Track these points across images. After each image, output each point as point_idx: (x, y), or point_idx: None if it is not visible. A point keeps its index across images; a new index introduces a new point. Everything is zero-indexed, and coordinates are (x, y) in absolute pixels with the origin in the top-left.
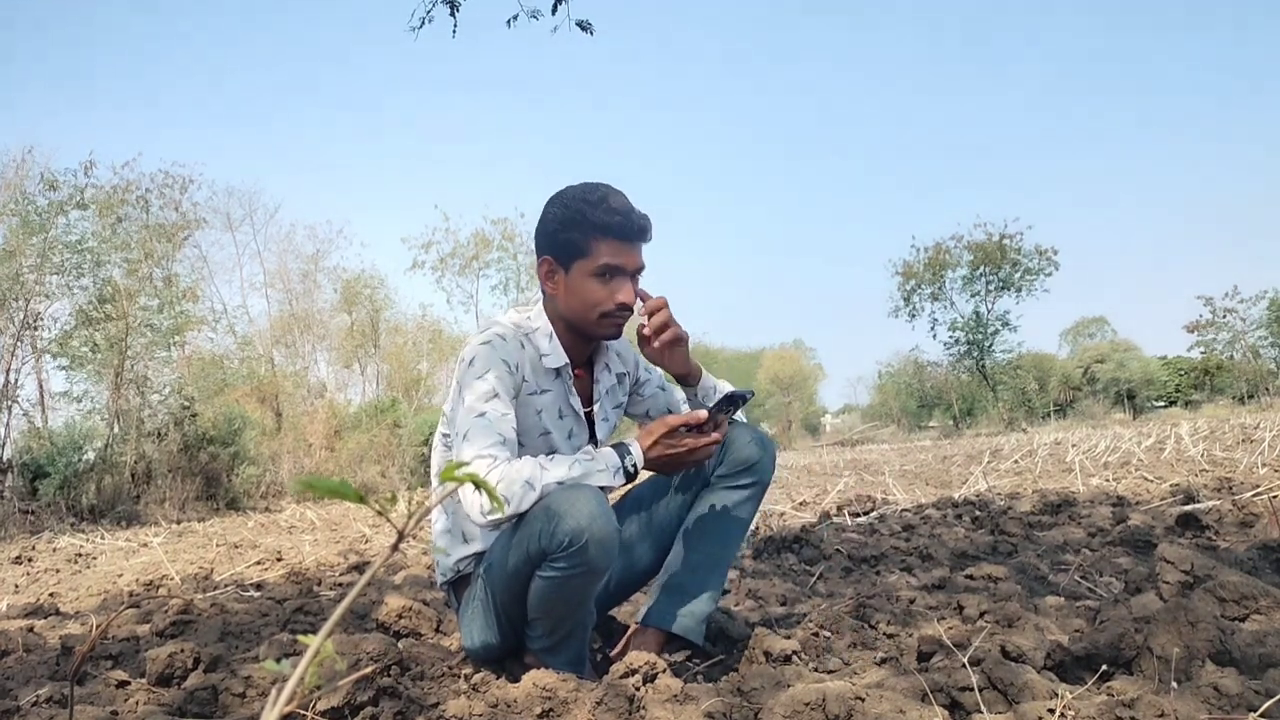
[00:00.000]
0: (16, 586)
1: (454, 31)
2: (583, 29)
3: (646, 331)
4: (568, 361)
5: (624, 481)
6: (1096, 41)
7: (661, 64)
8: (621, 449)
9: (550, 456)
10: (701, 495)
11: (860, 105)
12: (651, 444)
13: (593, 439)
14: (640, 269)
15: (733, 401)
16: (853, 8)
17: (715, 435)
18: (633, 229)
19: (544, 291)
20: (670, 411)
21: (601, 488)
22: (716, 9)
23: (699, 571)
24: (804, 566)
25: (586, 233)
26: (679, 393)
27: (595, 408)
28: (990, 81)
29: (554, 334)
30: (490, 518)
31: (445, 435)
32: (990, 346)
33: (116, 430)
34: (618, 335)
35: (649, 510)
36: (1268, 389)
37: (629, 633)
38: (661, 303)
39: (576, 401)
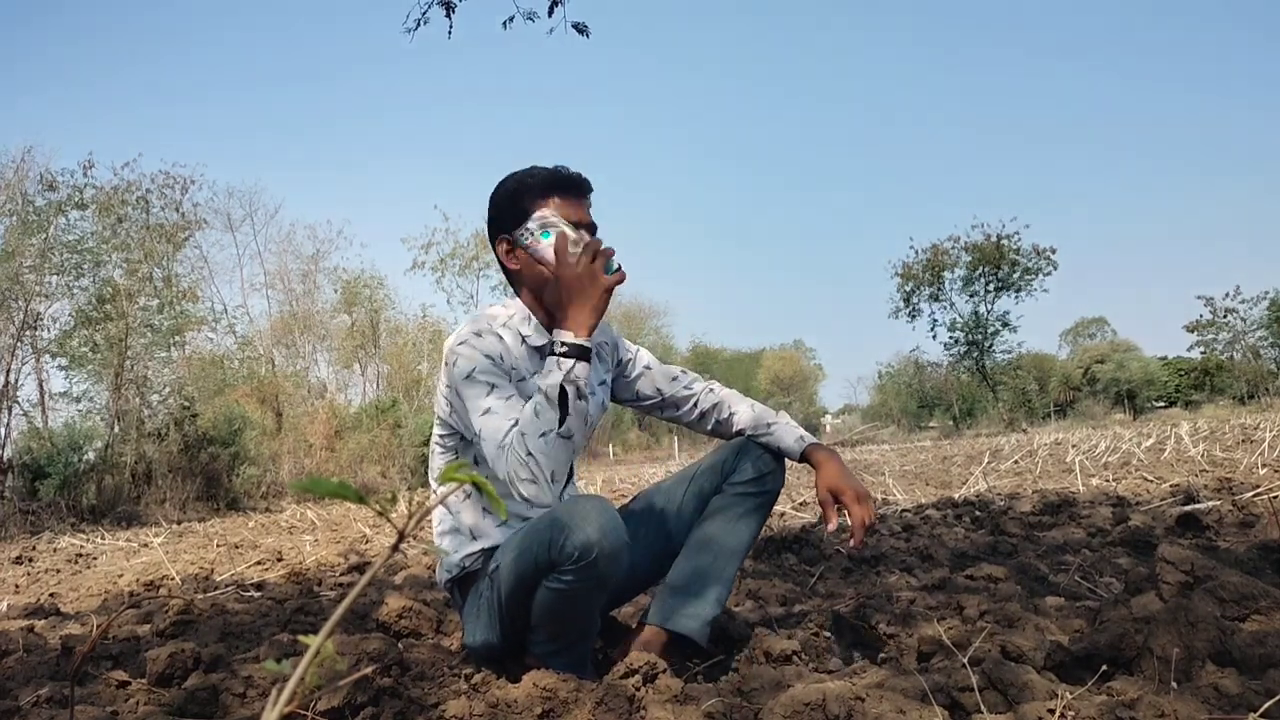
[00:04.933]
0: (17, 586)
1: (449, 33)
2: (579, 31)
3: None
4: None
5: (576, 359)
6: (1095, 41)
7: (661, 64)
8: (547, 345)
9: (520, 419)
10: (711, 502)
11: (859, 105)
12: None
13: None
14: (591, 225)
15: None
16: (851, 7)
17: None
18: (572, 181)
19: (509, 273)
20: (659, 391)
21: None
22: (716, 9)
23: (705, 575)
24: (804, 566)
25: (534, 196)
26: (667, 369)
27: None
28: (990, 81)
29: (531, 315)
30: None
31: (441, 437)
32: (990, 347)
33: (116, 430)
34: None
35: (658, 515)
36: (1268, 389)
37: (630, 633)
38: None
39: None
